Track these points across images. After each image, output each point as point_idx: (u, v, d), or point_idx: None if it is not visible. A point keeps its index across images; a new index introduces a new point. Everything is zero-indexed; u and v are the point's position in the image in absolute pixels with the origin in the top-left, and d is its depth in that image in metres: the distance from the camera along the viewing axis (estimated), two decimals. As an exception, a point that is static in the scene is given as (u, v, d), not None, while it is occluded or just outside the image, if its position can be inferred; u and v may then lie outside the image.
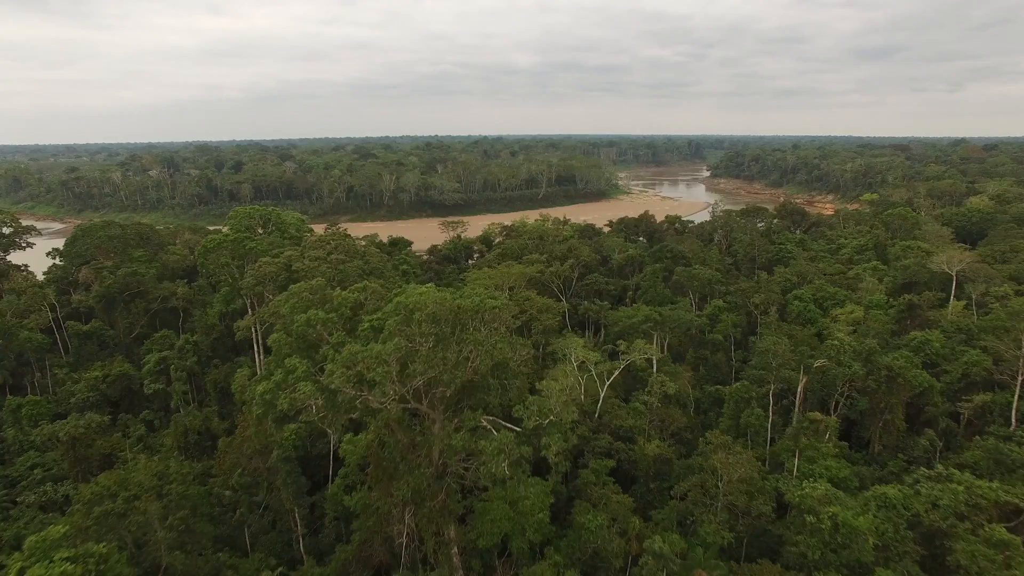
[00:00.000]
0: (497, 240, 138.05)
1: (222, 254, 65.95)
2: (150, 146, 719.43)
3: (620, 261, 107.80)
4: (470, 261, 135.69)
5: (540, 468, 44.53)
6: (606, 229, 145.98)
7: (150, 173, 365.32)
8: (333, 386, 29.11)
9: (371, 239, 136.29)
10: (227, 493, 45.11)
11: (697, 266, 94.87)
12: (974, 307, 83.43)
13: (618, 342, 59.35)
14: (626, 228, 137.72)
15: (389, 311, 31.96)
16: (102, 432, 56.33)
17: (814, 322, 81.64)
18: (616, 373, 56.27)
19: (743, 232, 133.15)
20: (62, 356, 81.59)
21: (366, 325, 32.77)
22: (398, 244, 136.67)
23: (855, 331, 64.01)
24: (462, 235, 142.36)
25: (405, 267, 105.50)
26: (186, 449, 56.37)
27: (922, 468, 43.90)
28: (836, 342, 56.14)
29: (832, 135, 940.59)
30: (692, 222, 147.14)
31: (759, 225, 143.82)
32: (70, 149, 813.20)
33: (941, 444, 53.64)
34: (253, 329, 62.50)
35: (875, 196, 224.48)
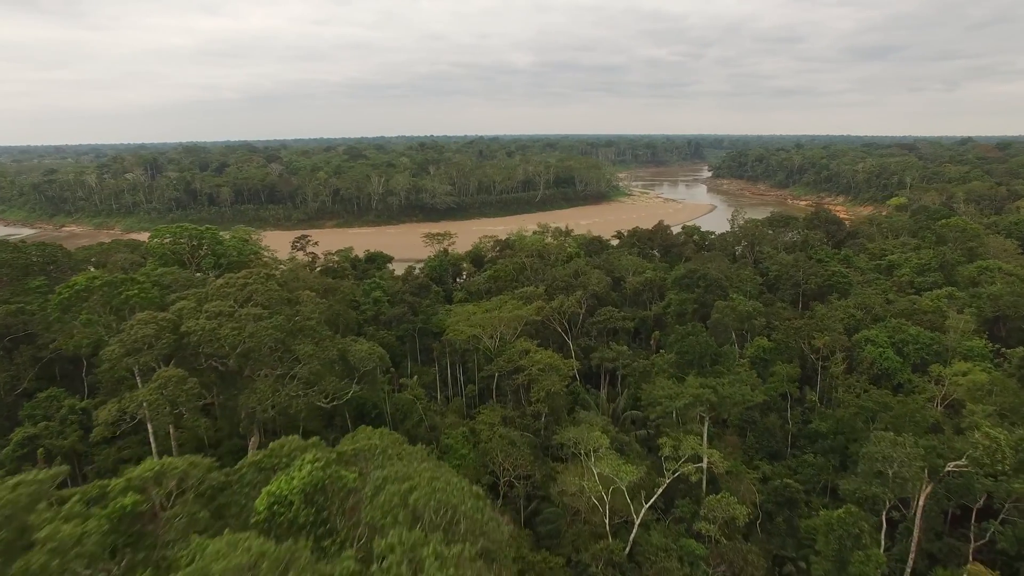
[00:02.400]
0: (490, 256, 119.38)
1: (89, 306, 47.01)
2: (141, 147, 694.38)
3: (635, 285, 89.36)
4: (458, 280, 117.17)
5: None
6: (614, 241, 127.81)
7: (127, 176, 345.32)
8: None
9: (344, 254, 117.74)
10: None
11: (734, 295, 76.45)
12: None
13: (660, 440, 40.85)
14: (639, 242, 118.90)
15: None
16: None
17: (892, 375, 63.50)
18: (659, 492, 37.98)
19: (772, 246, 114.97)
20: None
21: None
22: (375, 260, 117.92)
23: (995, 410, 45.77)
24: (450, 248, 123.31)
25: (378, 294, 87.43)
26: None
27: None
28: (985, 440, 37.82)
29: (831, 134, 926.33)
30: (713, 233, 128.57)
31: (788, 237, 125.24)
32: (58, 150, 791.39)
33: None
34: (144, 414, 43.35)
35: (903, 200, 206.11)
